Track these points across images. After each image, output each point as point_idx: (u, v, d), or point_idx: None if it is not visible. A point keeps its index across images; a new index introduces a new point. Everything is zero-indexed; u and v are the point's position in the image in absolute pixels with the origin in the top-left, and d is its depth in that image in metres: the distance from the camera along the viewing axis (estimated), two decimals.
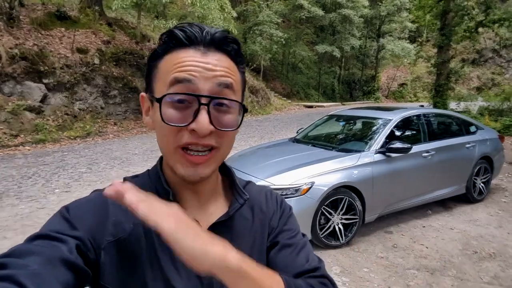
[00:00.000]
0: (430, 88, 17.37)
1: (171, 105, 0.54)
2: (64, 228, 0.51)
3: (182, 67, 0.54)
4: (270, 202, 0.72)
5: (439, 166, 4.27)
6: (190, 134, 0.53)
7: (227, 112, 0.56)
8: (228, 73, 0.56)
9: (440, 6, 14.28)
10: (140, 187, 0.56)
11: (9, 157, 6.99)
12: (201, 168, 0.56)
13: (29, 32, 9.44)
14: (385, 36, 25.67)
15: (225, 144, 0.57)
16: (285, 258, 0.65)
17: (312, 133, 4.96)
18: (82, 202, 0.58)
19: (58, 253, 0.47)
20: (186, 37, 0.55)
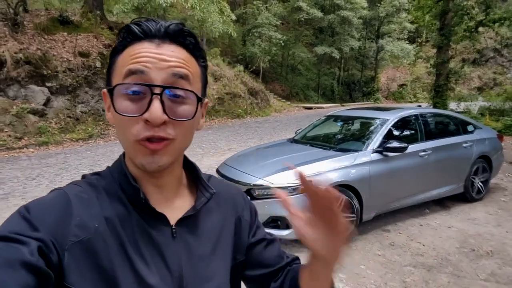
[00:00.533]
0: (429, 88, 17.42)
1: (126, 97, 0.54)
2: (25, 229, 0.49)
3: (136, 58, 0.54)
4: (237, 197, 0.75)
5: (436, 165, 4.34)
6: (145, 125, 0.53)
7: (182, 103, 0.56)
8: (183, 64, 0.56)
9: (439, 6, 14.31)
10: (104, 186, 0.60)
11: (14, 159, 7.10)
12: (158, 156, 0.56)
13: (33, 37, 9.58)
14: (384, 37, 25.76)
15: (181, 135, 0.57)
16: (275, 252, 0.73)
17: (310, 134, 5.04)
18: (43, 202, 0.55)
19: (18, 256, 0.45)
20: (141, 30, 0.56)
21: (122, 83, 0.54)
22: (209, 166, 6.61)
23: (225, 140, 9.80)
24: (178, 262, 0.59)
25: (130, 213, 0.58)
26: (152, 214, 0.59)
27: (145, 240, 0.57)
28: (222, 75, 15.39)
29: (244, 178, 3.58)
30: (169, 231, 0.60)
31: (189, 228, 0.63)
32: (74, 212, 0.54)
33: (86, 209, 0.55)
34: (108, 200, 0.58)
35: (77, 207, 0.55)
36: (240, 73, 16.97)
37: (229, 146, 8.83)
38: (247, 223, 0.73)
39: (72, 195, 0.56)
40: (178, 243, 0.60)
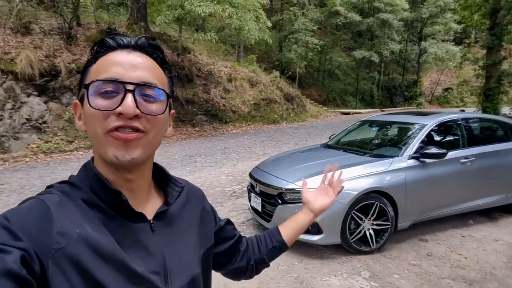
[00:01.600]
0: (478, 92, 16.36)
1: (99, 96, 0.58)
2: (6, 238, 0.49)
3: (111, 61, 0.59)
4: (197, 191, 0.85)
5: (481, 173, 4.08)
6: (116, 118, 0.57)
7: (153, 102, 0.61)
8: (153, 70, 0.62)
9: (489, 4, 13.48)
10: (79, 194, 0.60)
11: (65, 160, 7.70)
12: (131, 148, 0.58)
13: (84, 48, 10.36)
14: (427, 39, 24.60)
15: (154, 130, 0.61)
16: (231, 227, 0.91)
17: (344, 139, 4.96)
18: (23, 210, 0.54)
19: (1, 265, 0.45)
20: (115, 42, 0.62)
21: (97, 79, 0.58)
22: (243, 171, 6.72)
23: (260, 145, 9.89)
24: (161, 253, 0.65)
25: (110, 217, 0.60)
26: (131, 215, 0.63)
27: (129, 239, 0.61)
28: (258, 81, 15.57)
29: (275, 182, 3.61)
30: (148, 226, 0.65)
31: (165, 221, 0.69)
32: (54, 219, 0.54)
33: (65, 216, 0.55)
34: (86, 207, 0.59)
35: (57, 214, 0.55)
36: (276, 78, 17.06)
37: (264, 151, 8.89)
38: (210, 214, 0.84)
39: (51, 203, 0.56)
40: (158, 235, 0.66)
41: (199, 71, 13.42)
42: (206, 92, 13.08)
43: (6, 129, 8.07)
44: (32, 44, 9.32)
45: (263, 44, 18.62)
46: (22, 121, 8.35)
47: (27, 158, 7.78)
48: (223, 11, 9.60)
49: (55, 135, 8.69)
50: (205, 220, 0.81)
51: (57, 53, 9.48)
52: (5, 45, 8.86)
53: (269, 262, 0.96)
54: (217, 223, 0.86)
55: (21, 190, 5.51)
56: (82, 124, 0.63)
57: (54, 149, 8.36)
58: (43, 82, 8.90)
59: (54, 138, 8.64)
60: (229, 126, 13.23)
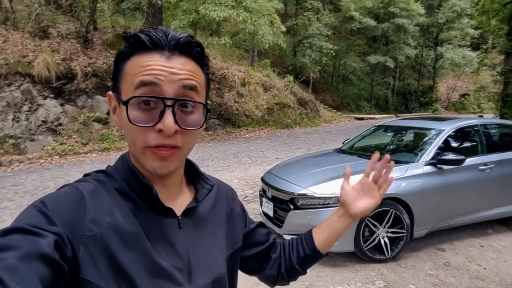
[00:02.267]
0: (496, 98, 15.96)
1: (138, 107, 0.57)
2: (42, 222, 0.51)
3: (148, 70, 0.57)
4: (228, 192, 0.84)
5: (501, 181, 3.95)
6: (157, 134, 0.57)
7: (192, 112, 0.60)
8: (192, 76, 0.60)
9: (507, 9, 13.22)
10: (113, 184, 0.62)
11: (79, 162, 7.83)
12: (168, 162, 0.60)
13: (100, 52, 10.58)
14: (443, 44, 24.15)
15: (189, 142, 0.62)
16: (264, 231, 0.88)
17: (358, 144, 4.88)
18: (59, 196, 0.57)
19: (36, 248, 0.47)
20: (151, 41, 0.58)
21: (136, 96, 0.57)
22: (256, 175, 6.68)
23: (273, 149, 9.85)
24: (186, 250, 0.65)
25: (140, 209, 0.62)
26: (160, 209, 0.64)
27: (156, 232, 0.62)
28: (272, 86, 15.56)
29: (287, 187, 3.57)
30: (176, 222, 0.66)
31: (193, 218, 0.69)
32: (88, 207, 0.56)
33: (99, 204, 0.58)
34: (119, 196, 0.61)
35: (90, 202, 0.57)
36: (290, 83, 17.02)
37: (277, 156, 8.85)
38: (239, 215, 0.82)
39: (85, 191, 0.58)
40: (184, 232, 0.66)
41: (213, 75, 13.52)
42: (219, 96, 13.14)
43: (23, 131, 8.26)
44: (50, 47, 9.56)
45: (277, 48, 18.63)
46: (38, 123, 8.54)
47: (42, 159, 7.95)
48: (237, 15, 9.66)
49: (70, 137, 8.86)
50: (234, 221, 0.80)
51: (73, 57, 9.70)
52: (23, 48, 9.11)
53: (304, 270, 0.89)
54: (247, 225, 0.84)
55: (35, 192, 5.62)
56: (118, 119, 0.64)
57: (68, 151, 8.51)
58: (59, 85, 9.10)
59: (69, 140, 8.81)
60: (242, 130, 13.23)
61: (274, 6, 11.62)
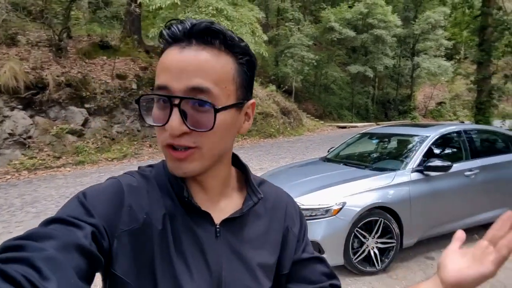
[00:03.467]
0: (471, 106, 16.48)
1: (157, 105, 0.55)
2: (81, 214, 0.51)
3: (162, 69, 0.55)
4: (288, 207, 0.73)
5: (485, 186, 3.93)
6: (167, 134, 0.54)
7: (205, 111, 0.54)
8: (205, 70, 0.53)
9: (477, 21, 13.80)
10: (156, 179, 0.62)
11: (51, 177, 7.39)
12: (184, 164, 0.56)
13: (74, 61, 10.20)
14: (420, 54, 24.93)
15: (208, 143, 0.55)
16: (321, 269, 0.71)
17: (343, 152, 4.79)
18: (99, 189, 0.57)
19: (73, 239, 0.47)
20: (170, 34, 0.55)
21: (145, 94, 0.57)
22: None
23: (257, 159, 9.69)
24: (219, 262, 0.59)
25: (177, 208, 0.59)
26: (197, 212, 0.60)
27: (189, 236, 0.58)
28: (254, 95, 15.20)
29: None
30: (213, 230, 0.60)
31: (233, 230, 0.63)
32: (125, 201, 0.56)
33: (137, 199, 0.57)
34: (159, 193, 0.60)
35: (129, 196, 0.56)
36: (273, 92, 17.01)
37: (261, 165, 8.70)
38: (295, 237, 0.71)
39: (125, 185, 0.58)
40: (221, 243, 0.61)
41: None
42: None
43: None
44: (18, 55, 9.09)
45: (260, 58, 18.65)
46: (4, 136, 8.00)
47: (8, 175, 7.42)
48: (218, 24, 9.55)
49: (40, 150, 8.38)
50: (288, 242, 0.70)
51: (45, 66, 9.26)
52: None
53: None
54: (297, 252, 0.71)
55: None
56: None
57: (39, 165, 8.02)
58: (29, 95, 8.59)
59: (40, 153, 8.32)
60: None
61: (255, 16, 11.60)
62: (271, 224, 0.68)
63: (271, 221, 0.68)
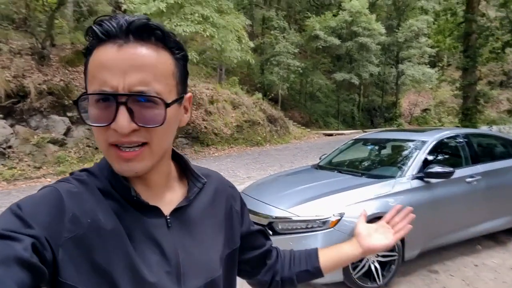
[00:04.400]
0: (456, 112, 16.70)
1: (95, 105, 0.53)
2: (17, 226, 0.49)
3: (99, 66, 0.52)
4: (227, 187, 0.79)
5: (488, 194, 3.76)
6: (114, 132, 0.52)
7: (152, 107, 0.53)
8: (149, 66, 0.53)
9: (461, 28, 14.02)
10: (96, 183, 0.59)
11: (30, 188, 6.94)
12: (134, 163, 0.55)
13: (57, 69, 9.81)
14: (404, 62, 25.31)
15: (157, 138, 0.55)
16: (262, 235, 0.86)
17: (336, 159, 4.58)
18: (35, 198, 0.54)
19: (12, 252, 0.45)
20: (103, 31, 0.53)
21: (87, 93, 0.54)
22: None
23: (244, 168, 9.43)
24: (175, 251, 0.60)
25: (124, 209, 0.58)
26: (145, 208, 0.60)
27: (141, 233, 0.58)
28: (241, 103, 15.29)
29: (264, 209, 3.13)
30: (163, 222, 0.61)
31: (183, 218, 0.64)
32: (66, 207, 0.54)
33: (79, 205, 0.55)
34: (101, 197, 0.58)
35: (69, 202, 0.54)
36: (259, 100, 16.85)
37: (248, 174, 8.44)
38: (238, 214, 0.77)
39: (64, 191, 0.55)
40: (174, 232, 0.62)
41: None
42: None
43: None
44: (0, 64, 8.69)
45: (245, 66, 18.56)
46: None
47: None
48: (204, 31, 9.34)
49: (20, 160, 7.95)
50: (233, 220, 0.75)
51: (27, 74, 8.85)
52: None
53: (298, 283, 0.86)
54: (244, 225, 0.79)
55: None
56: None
57: (18, 176, 7.60)
58: (9, 103, 8.23)
59: (20, 164, 7.89)
60: (211, 149, 12.74)
61: (241, 23, 11.45)
62: (217, 205, 0.72)
63: (217, 203, 0.72)
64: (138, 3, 8.52)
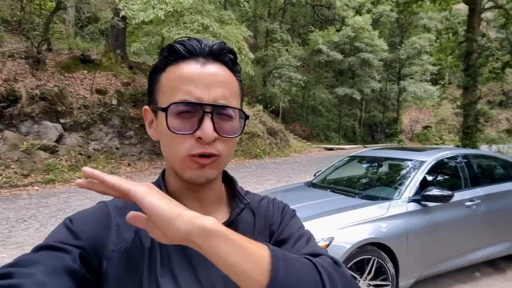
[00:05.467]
0: (457, 130, 16.58)
1: (176, 116, 0.55)
2: (68, 238, 0.52)
3: (185, 78, 0.56)
4: (271, 208, 0.72)
5: (487, 218, 3.56)
6: (196, 142, 0.55)
7: (229, 120, 0.58)
8: (228, 83, 0.59)
9: (462, 47, 14.02)
10: None
11: (14, 197, 6.75)
12: (207, 170, 0.57)
13: (52, 74, 9.71)
14: (406, 78, 25.34)
15: (227, 150, 0.59)
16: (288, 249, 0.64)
17: (331, 177, 4.39)
18: (85, 213, 0.58)
19: (62, 263, 0.47)
20: (186, 49, 0.57)
21: (176, 102, 0.56)
22: None
23: (240, 181, 9.14)
24: (210, 277, 0.57)
25: None
26: None
27: (177, 252, 0.57)
28: None
29: None
30: None
31: None
32: (112, 222, 0.57)
33: (124, 220, 0.53)
34: None
35: (116, 217, 0.57)
36: (259, 112, 16.75)
37: (244, 188, 8.22)
38: (273, 233, 0.69)
39: (112, 207, 0.59)
40: None
41: None
42: None
43: None
44: None
45: (247, 78, 18.53)
46: None
47: None
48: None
49: (7, 167, 7.74)
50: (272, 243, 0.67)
51: (19, 78, 8.72)
52: None
53: None
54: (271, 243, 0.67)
55: None
56: (154, 133, 0.63)
57: (3, 183, 7.37)
58: None
59: (6, 171, 7.68)
60: None
61: (242, 34, 11.43)
62: (259, 228, 0.68)
63: (259, 225, 0.68)
64: (136, 10, 8.48)
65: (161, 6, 8.47)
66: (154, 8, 8.51)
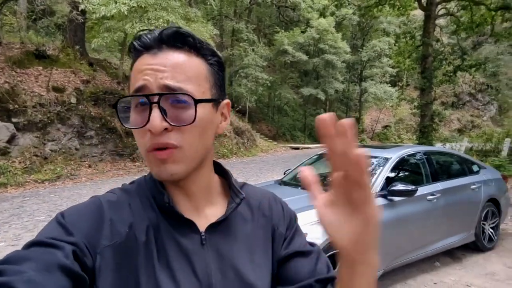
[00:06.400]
0: (414, 129, 17.56)
1: (135, 110, 0.55)
2: (60, 234, 0.50)
3: (138, 74, 0.55)
4: (274, 206, 0.70)
5: (446, 211, 3.78)
6: (150, 135, 0.53)
7: (185, 108, 0.54)
8: (181, 68, 0.55)
9: (419, 51, 14.85)
10: (137, 192, 0.60)
11: None
12: (169, 165, 0.55)
13: (2, 70, 9.00)
14: (367, 80, 26.43)
15: (188, 141, 0.55)
16: (306, 265, 0.64)
17: None
18: (78, 208, 0.56)
19: (54, 259, 0.46)
20: (141, 43, 0.56)
21: (120, 98, 0.57)
22: None
23: None
24: (207, 271, 0.57)
25: (159, 220, 0.58)
26: (180, 220, 0.58)
27: (173, 246, 0.57)
28: None
29: None
30: (198, 238, 0.59)
31: (219, 235, 0.61)
32: (105, 217, 0.55)
33: (118, 213, 0.56)
34: (141, 206, 0.58)
35: (109, 211, 0.56)
36: None
37: None
38: (281, 236, 0.67)
39: (105, 201, 0.57)
40: (208, 250, 0.59)
41: None
42: None
43: None
44: None
45: None
46: None
47: None
48: None
49: None
50: (275, 243, 0.66)
51: None
52: None
53: None
54: (281, 250, 0.65)
55: None
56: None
57: None
58: None
59: None
60: None
61: (208, 32, 11.30)
62: (258, 224, 0.66)
63: (258, 221, 0.66)
64: (97, 4, 8.08)
65: (124, 0, 8.15)
66: (117, 3, 8.15)
